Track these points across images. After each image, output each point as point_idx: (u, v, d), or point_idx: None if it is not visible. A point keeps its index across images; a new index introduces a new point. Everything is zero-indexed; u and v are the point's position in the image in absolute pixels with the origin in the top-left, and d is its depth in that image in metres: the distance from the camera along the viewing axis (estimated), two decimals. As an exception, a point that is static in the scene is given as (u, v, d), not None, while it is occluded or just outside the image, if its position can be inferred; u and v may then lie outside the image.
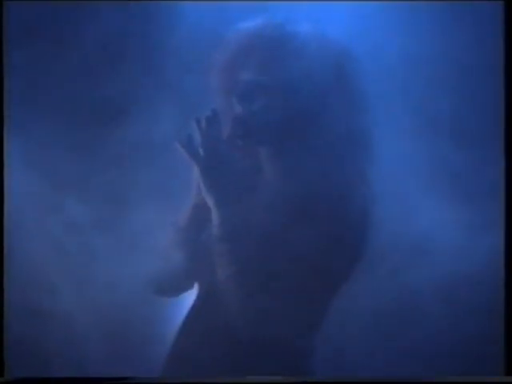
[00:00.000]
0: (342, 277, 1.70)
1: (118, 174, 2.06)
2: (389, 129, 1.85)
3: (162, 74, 2.03)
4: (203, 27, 1.98)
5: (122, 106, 2.05)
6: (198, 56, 1.90)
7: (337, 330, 1.82)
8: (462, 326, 2.05)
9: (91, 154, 2.07)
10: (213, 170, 1.66)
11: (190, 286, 1.81)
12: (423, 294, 2.02)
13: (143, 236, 1.94)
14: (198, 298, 1.79)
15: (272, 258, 1.64)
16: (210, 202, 1.67)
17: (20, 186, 2.08)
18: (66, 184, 2.06)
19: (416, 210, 1.97)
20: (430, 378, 2.00)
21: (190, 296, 1.83)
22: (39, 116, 2.10)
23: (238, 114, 1.69)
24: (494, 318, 2.03)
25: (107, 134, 2.04)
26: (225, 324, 1.68)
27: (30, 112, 2.10)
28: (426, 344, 2.06)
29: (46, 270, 2.08)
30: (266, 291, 1.63)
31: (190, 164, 1.68)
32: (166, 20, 2.04)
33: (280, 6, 1.90)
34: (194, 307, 1.79)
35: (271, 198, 1.70)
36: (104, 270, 2.02)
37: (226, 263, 1.65)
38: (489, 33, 2.03)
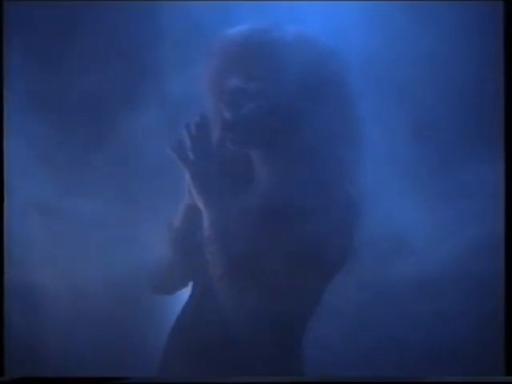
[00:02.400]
0: (330, 275, 1.72)
1: (112, 173, 2.07)
2: (377, 129, 1.86)
3: (154, 78, 2.05)
4: (195, 31, 2.00)
5: (112, 107, 2.07)
6: (189, 60, 1.93)
7: (323, 326, 1.83)
8: (462, 325, 2.05)
9: (88, 154, 2.09)
10: (202, 173, 1.70)
11: (185, 285, 1.84)
12: (417, 293, 2.03)
13: (138, 235, 1.96)
14: (192, 296, 1.82)
15: (262, 258, 1.66)
16: (200, 204, 1.71)
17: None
18: (64, 181, 2.07)
19: (399, 209, 1.98)
20: (430, 378, 2.00)
21: (186, 294, 1.85)
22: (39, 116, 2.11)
23: (226, 119, 1.72)
24: (494, 317, 2.03)
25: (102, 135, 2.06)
26: (219, 322, 1.70)
27: (30, 113, 2.10)
28: (425, 344, 2.06)
29: (47, 269, 2.08)
30: (256, 290, 1.65)
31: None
32: (157, 23, 2.07)
33: (266, 10, 1.93)
34: (188, 306, 1.82)
35: (261, 199, 1.74)
36: (100, 269, 2.03)
37: (218, 263, 1.67)
38: (489, 33, 2.03)
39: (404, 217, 1.99)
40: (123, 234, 2.02)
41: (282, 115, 1.70)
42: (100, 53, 2.08)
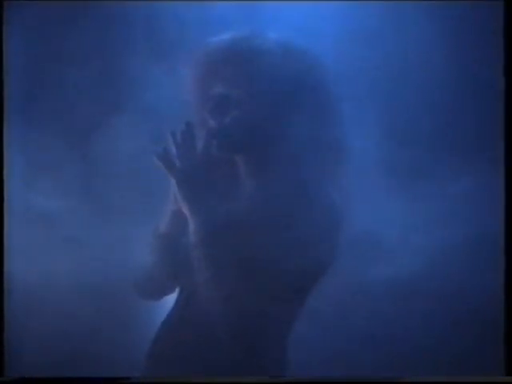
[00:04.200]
0: (316, 279, 1.74)
1: (100, 179, 2.08)
2: (360, 132, 1.86)
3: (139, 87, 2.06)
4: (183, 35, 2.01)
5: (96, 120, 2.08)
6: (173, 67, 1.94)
7: (304, 327, 1.84)
8: (462, 325, 2.05)
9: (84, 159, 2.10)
10: (188, 180, 1.71)
11: (172, 290, 1.86)
12: (417, 293, 2.04)
13: (124, 241, 1.97)
14: (179, 301, 1.83)
15: (247, 262, 1.68)
16: (186, 210, 1.72)
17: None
18: (59, 186, 2.08)
19: (385, 210, 1.99)
20: (430, 378, 2.00)
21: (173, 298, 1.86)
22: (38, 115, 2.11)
23: (211, 127, 1.74)
24: (494, 318, 2.03)
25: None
26: (204, 327, 1.72)
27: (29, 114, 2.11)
28: (425, 344, 2.06)
29: (47, 269, 2.08)
30: (242, 294, 1.67)
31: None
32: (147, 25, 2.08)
33: (247, 19, 1.96)
34: (175, 310, 1.83)
35: (246, 204, 1.75)
36: (100, 270, 2.03)
37: (204, 267, 1.69)
38: (489, 33, 2.03)
39: (390, 217, 2.00)
40: (108, 240, 2.03)
41: (264, 121, 1.72)
42: (82, 53, 2.09)
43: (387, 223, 2.00)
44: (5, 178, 2.09)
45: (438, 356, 2.08)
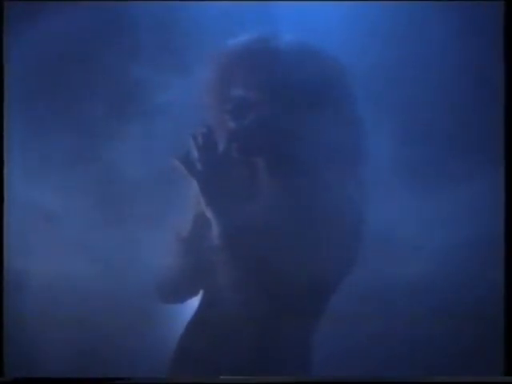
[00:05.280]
0: (338, 280, 1.75)
1: (113, 184, 2.08)
2: (379, 132, 1.87)
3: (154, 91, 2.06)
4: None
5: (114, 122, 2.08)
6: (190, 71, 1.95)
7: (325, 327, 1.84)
8: (462, 325, 2.05)
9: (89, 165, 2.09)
10: (210, 183, 1.72)
11: (195, 294, 1.86)
12: (418, 293, 2.04)
13: (147, 244, 1.97)
14: (202, 304, 1.84)
15: (271, 265, 1.69)
16: (209, 213, 1.73)
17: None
18: (67, 187, 2.08)
19: (399, 209, 1.99)
20: (430, 378, 2.00)
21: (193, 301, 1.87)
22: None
23: (231, 129, 1.75)
24: (494, 317, 2.03)
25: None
26: (228, 330, 1.74)
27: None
28: (425, 344, 2.06)
29: (48, 269, 2.08)
30: (266, 298, 1.68)
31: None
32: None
33: (263, 20, 1.96)
34: (198, 313, 1.84)
35: (268, 206, 1.76)
36: (106, 275, 2.03)
37: (228, 271, 1.70)
38: (489, 33, 2.03)
39: (406, 216, 2.00)
40: (127, 238, 2.03)
41: (284, 123, 1.73)
42: (91, 54, 2.09)
43: (403, 222, 2.00)
44: (16, 180, 2.09)
45: (437, 356, 2.08)
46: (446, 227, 2.03)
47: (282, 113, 1.72)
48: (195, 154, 1.72)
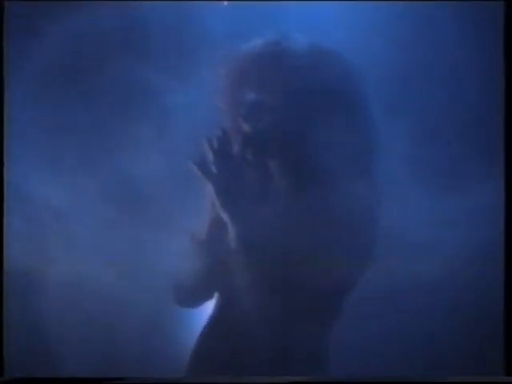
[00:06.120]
0: (353, 280, 1.77)
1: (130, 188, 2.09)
2: (392, 133, 1.87)
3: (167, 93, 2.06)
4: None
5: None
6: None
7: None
8: (462, 326, 2.05)
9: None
10: (226, 186, 1.73)
11: (210, 297, 1.88)
12: (419, 294, 2.04)
13: (161, 247, 1.97)
14: (219, 307, 1.86)
15: (286, 266, 1.70)
16: (225, 216, 1.73)
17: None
18: (81, 189, 2.08)
19: (415, 209, 1.99)
20: (430, 378, 2.00)
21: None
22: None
23: (245, 132, 1.76)
24: (493, 317, 2.03)
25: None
26: (245, 333, 1.76)
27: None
28: (425, 344, 2.06)
29: (48, 269, 2.09)
30: (283, 300, 1.70)
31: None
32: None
33: (271, 23, 1.96)
34: (214, 315, 1.86)
35: (283, 208, 1.77)
36: (120, 277, 2.04)
37: (245, 273, 1.71)
38: (489, 33, 2.03)
39: (418, 215, 2.00)
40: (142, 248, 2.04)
41: (298, 125, 1.74)
42: (101, 53, 2.09)
43: (415, 221, 2.00)
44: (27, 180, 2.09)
45: (437, 356, 2.08)
46: (459, 228, 2.02)
47: (296, 115, 1.73)
48: (210, 156, 1.73)
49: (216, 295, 1.87)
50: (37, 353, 2.12)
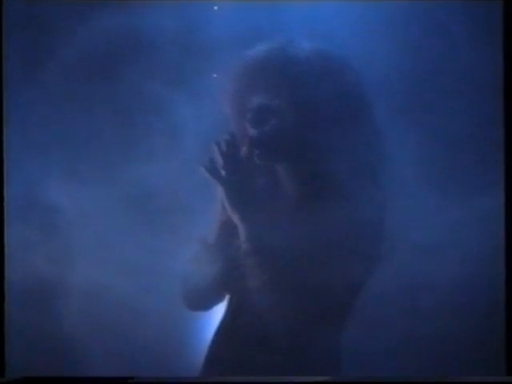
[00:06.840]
0: (364, 279, 1.79)
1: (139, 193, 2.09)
2: (401, 137, 1.88)
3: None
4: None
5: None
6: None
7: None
8: (462, 325, 2.05)
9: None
10: (235, 189, 1.76)
11: (220, 300, 1.90)
12: (421, 294, 2.03)
13: (173, 251, 1.98)
14: (231, 307, 1.88)
15: (297, 267, 1.73)
16: (235, 218, 1.76)
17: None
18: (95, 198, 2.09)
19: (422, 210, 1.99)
20: (430, 378, 2.00)
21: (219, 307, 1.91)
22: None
23: (253, 136, 1.79)
24: (495, 317, 2.03)
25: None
26: (257, 334, 1.79)
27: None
28: (425, 344, 2.06)
29: (48, 269, 2.09)
30: (295, 300, 1.72)
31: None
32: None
33: (275, 28, 1.96)
34: (227, 316, 1.88)
35: (292, 210, 1.80)
36: (133, 282, 2.04)
37: (257, 275, 1.74)
38: (489, 33, 2.03)
39: (425, 217, 2.00)
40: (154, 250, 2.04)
41: (304, 129, 1.77)
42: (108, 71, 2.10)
43: (423, 222, 2.00)
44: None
45: (437, 356, 2.07)
46: (466, 231, 2.02)
47: (302, 119, 1.76)
48: (219, 160, 1.76)
49: (227, 297, 1.89)
50: (37, 353, 2.12)
